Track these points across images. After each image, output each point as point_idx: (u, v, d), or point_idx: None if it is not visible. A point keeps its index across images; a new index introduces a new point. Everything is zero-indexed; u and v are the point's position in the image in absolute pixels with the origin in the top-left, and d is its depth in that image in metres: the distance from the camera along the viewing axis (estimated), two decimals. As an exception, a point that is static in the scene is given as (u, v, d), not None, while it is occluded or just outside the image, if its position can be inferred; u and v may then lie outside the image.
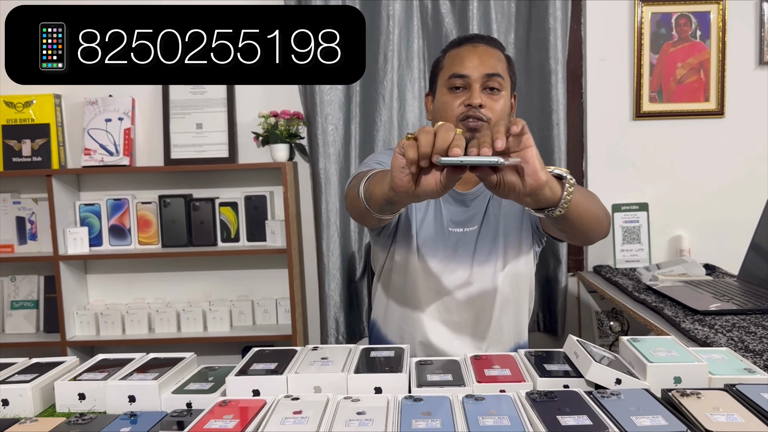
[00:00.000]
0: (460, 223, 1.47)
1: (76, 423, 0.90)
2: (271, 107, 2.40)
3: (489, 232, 1.47)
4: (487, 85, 1.37)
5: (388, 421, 0.85)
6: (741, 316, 1.59)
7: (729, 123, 2.44)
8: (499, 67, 1.39)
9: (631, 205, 2.37)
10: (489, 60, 1.38)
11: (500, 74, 1.38)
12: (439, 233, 1.47)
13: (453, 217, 1.48)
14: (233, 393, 0.99)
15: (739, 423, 0.81)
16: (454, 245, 1.46)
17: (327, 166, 2.40)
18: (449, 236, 1.47)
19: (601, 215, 1.24)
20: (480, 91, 1.37)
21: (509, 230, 1.47)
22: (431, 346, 1.48)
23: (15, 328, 2.53)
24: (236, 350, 2.51)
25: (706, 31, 2.40)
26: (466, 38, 1.45)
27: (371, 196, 1.11)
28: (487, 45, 1.42)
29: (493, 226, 1.47)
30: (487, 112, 1.36)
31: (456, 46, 1.44)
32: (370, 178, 1.15)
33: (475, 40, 1.43)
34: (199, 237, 2.48)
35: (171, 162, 2.46)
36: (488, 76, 1.36)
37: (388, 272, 1.54)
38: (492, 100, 1.37)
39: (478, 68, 1.37)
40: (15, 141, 2.44)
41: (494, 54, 1.40)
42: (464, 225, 1.47)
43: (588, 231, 1.20)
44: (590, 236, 1.25)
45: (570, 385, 0.99)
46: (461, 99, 1.37)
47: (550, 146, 2.37)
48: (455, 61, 1.40)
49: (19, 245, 2.52)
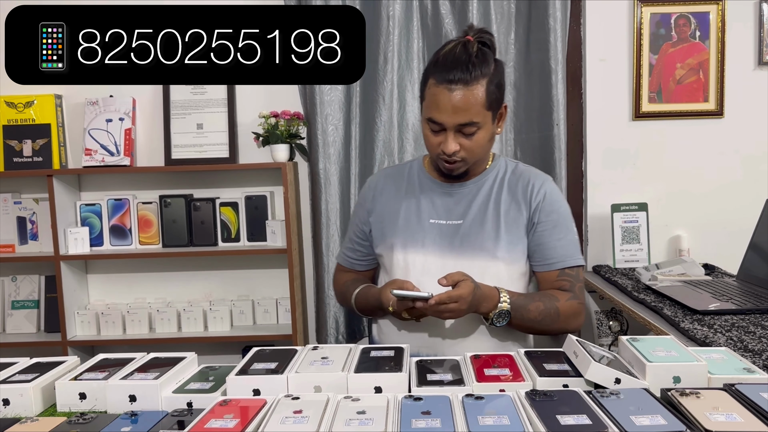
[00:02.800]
0: (442, 215, 1.50)
1: (77, 422, 0.90)
2: (271, 107, 2.40)
3: (472, 227, 1.47)
4: (462, 131, 1.39)
5: (388, 421, 0.85)
6: (740, 315, 1.59)
7: (728, 123, 2.44)
8: (474, 110, 1.37)
9: (631, 205, 2.37)
10: (463, 107, 1.36)
11: (474, 122, 1.37)
12: (418, 226, 1.49)
13: (436, 210, 1.50)
14: (234, 392, 1.00)
15: (739, 422, 0.82)
16: (434, 237, 1.48)
17: (327, 166, 2.40)
18: (429, 228, 1.49)
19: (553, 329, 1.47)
20: (455, 136, 1.39)
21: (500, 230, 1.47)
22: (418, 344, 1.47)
23: (16, 328, 2.53)
24: (236, 350, 2.51)
25: (705, 32, 2.41)
26: (445, 68, 1.36)
27: (362, 310, 1.56)
28: (465, 86, 1.35)
29: (480, 222, 1.48)
30: (462, 153, 1.41)
31: (435, 80, 1.37)
32: (358, 296, 1.54)
33: (452, 77, 1.35)
34: (200, 237, 2.48)
35: (171, 162, 2.46)
36: (462, 125, 1.38)
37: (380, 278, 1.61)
38: (467, 140, 1.40)
39: (452, 118, 1.37)
40: (16, 141, 2.44)
41: (471, 95, 1.36)
42: (447, 218, 1.49)
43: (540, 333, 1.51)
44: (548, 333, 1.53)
45: (569, 384, 1.00)
46: (439, 140, 1.41)
47: (550, 146, 2.37)
48: (432, 105, 1.39)
49: (20, 245, 2.52)
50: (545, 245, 1.47)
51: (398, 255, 1.49)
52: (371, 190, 1.61)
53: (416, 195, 1.53)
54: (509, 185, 1.51)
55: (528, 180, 1.50)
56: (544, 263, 1.48)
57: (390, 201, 1.56)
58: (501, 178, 1.52)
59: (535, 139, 2.42)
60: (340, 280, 1.67)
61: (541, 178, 1.52)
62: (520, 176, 1.52)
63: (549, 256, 1.47)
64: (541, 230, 1.47)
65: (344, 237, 2.44)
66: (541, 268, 1.49)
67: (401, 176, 1.59)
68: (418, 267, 1.47)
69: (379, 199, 1.57)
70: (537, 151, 2.42)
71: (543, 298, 1.44)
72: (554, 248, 1.47)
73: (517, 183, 1.51)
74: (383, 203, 1.56)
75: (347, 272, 1.66)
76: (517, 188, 1.50)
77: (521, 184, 1.50)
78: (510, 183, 1.51)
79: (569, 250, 1.48)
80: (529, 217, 1.48)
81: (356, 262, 1.64)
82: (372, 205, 1.58)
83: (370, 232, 1.58)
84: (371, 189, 1.61)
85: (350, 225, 1.67)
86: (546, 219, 1.47)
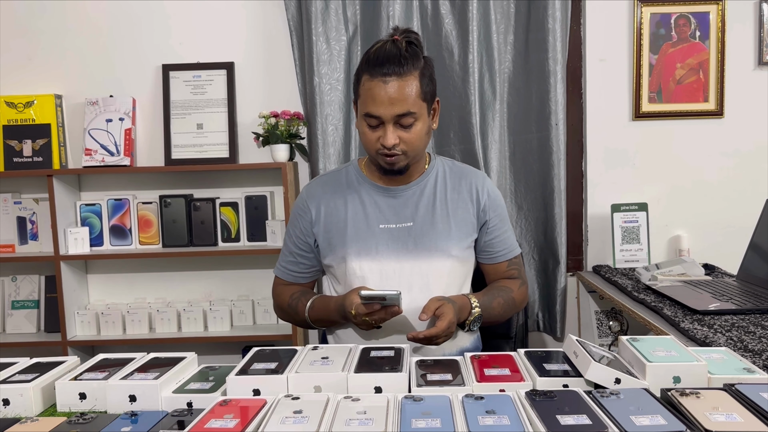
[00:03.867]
0: (391, 219, 1.50)
1: (77, 422, 0.90)
2: (271, 107, 2.40)
3: (424, 228, 1.49)
4: (399, 122, 1.40)
5: (388, 421, 0.85)
6: (740, 315, 1.59)
7: (728, 123, 2.44)
8: (410, 100, 1.38)
9: (631, 205, 2.37)
10: (399, 97, 1.37)
11: (411, 111, 1.39)
12: (368, 233, 1.49)
13: (384, 214, 1.50)
14: (234, 392, 1.00)
15: (738, 422, 0.82)
16: (387, 242, 1.48)
17: (327, 166, 2.40)
18: (381, 234, 1.49)
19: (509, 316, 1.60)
20: (393, 128, 1.40)
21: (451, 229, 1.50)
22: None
23: (16, 328, 2.53)
24: (237, 350, 2.51)
25: (705, 32, 2.41)
26: (378, 63, 1.38)
27: (317, 322, 1.54)
28: (398, 76, 1.37)
29: (430, 222, 1.49)
30: (402, 146, 1.42)
31: (369, 75, 1.39)
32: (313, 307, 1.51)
33: (386, 70, 1.37)
34: (200, 237, 2.48)
35: (171, 162, 2.46)
36: (399, 116, 1.39)
37: (328, 287, 1.60)
38: (405, 132, 1.41)
39: (389, 109, 1.38)
40: (16, 141, 2.44)
41: (406, 86, 1.37)
42: (397, 221, 1.50)
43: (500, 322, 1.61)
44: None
45: (569, 384, 1.00)
46: (377, 135, 1.42)
47: (550, 147, 2.38)
48: (368, 99, 1.39)
49: (20, 245, 2.52)
50: (495, 239, 1.55)
51: (353, 264, 1.48)
52: (309, 199, 1.56)
53: (360, 201, 1.52)
54: (452, 184, 1.55)
55: (470, 180, 1.56)
56: (494, 256, 1.56)
57: (333, 210, 1.53)
58: (442, 177, 1.55)
59: (534, 140, 2.42)
60: (282, 294, 1.60)
61: (480, 176, 1.59)
62: (461, 175, 1.57)
63: (498, 249, 1.56)
64: (492, 226, 1.54)
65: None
66: (490, 260, 1.57)
67: (339, 183, 1.56)
68: (376, 273, 1.47)
69: (321, 209, 1.54)
70: (536, 152, 2.42)
71: (500, 293, 1.53)
72: (502, 241, 1.56)
73: (459, 182, 1.55)
74: (326, 212, 1.53)
75: (289, 285, 1.61)
76: (461, 187, 1.54)
77: (464, 183, 1.55)
78: (452, 182, 1.55)
79: (512, 240, 1.59)
80: (477, 216, 1.53)
81: (299, 275, 1.59)
82: (315, 215, 1.54)
83: (315, 243, 1.55)
84: (309, 198, 1.56)
85: (287, 237, 1.60)
86: (494, 215, 1.55)
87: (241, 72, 2.49)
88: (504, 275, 1.58)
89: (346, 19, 2.40)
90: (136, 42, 2.50)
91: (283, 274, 1.62)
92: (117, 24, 2.49)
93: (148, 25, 2.49)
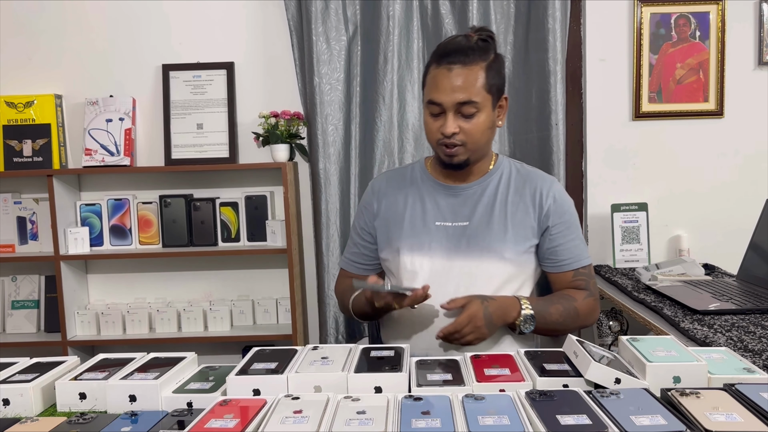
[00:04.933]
0: (448, 217, 1.49)
1: (77, 422, 0.90)
2: (271, 107, 2.40)
3: (479, 228, 1.47)
4: (460, 111, 1.39)
5: (388, 421, 0.85)
6: (740, 315, 1.59)
7: (728, 123, 2.44)
8: (474, 90, 1.38)
9: (631, 205, 2.37)
10: (463, 85, 1.38)
11: (473, 100, 1.38)
12: (423, 229, 1.49)
13: (441, 212, 1.50)
14: (234, 392, 1.00)
15: (739, 422, 0.82)
16: (440, 239, 1.47)
17: (327, 166, 2.40)
18: (435, 231, 1.48)
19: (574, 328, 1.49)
20: (454, 117, 1.39)
21: (507, 231, 1.47)
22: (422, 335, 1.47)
23: (16, 328, 2.53)
24: (236, 350, 2.51)
25: (705, 32, 2.41)
26: (446, 53, 1.40)
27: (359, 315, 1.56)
28: (463, 65, 1.38)
29: (486, 223, 1.47)
30: (462, 136, 1.41)
31: (436, 63, 1.42)
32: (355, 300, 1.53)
33: (452, 59, 1.39)
34: (200, 237, 2.48)
35: (171, 162, 2.46)
36: (461, 104, 1.38)
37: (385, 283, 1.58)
38: (467, 123, 1.40)
39: (451, 96, 1.38)
40: (16, 141, 2.44)
41: (470, 74, 1.38)
42: (453, 219, 1.49)
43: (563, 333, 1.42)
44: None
45: (569, 384, 1.00)
46: (438, 124, 1.41)
47: (550, 147, 2.37)
48: (432, 86, 1.41)
49: (19, 245, 2.52)
50: (559, 247, 1.49)
51: (405, 258, 1.49)
52: (375, 193, 1.59)
53: (420, 197, 1.53)
54: (516, 187, 1.51)
55: (536, 183, 1.51)
56: (559, 265, 1.50)
57: (394, 204, 1.55)
58: (507, 179, 1.52)
59: (534, 140, 2.42)
60: (341, 286, 1.64)
61: (548, 180, 1.53)
62: (527, 178, 1.53)
63: (563, 258, 1.49)
64: (555, 233, 1.49)
65: (345, 237, 2.45)
66: (555, 269, 1.51)
67: (404, 178, 1.58)
68: (426, 269, 1.47)
69: (383, 202, 1.57)
70: (536, 152, 2.42)
71: (561, 300, 1.46)
72: (568, 249, 1.49)
73: (524, 185, 1.51)
74: (387, 206, 1.56)
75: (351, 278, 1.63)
76: (524, 191, 1.50)
77: (529, 186, 1.51)
78: (517, 185, 1.51)
79: (580, 249, 1.51)
80: (538, 221, 1.49)
81: (362, 266, 1.62)
82: (377, 209, 1.57)
83: (376, 235, 1.57)
84: (374, 192, 1.60)
85: (353, 229, 1.65)
86: (559, 221, 1.49)
87: (241, 72, 2.49)
88: (569, 285, 1.51)
89: (346, 19, 2.40)
90: (136, 42, 2.50)
91: (347, 266, 1.65)
92: (117, 24, 2.49)
93: (148, 25, 2.49)
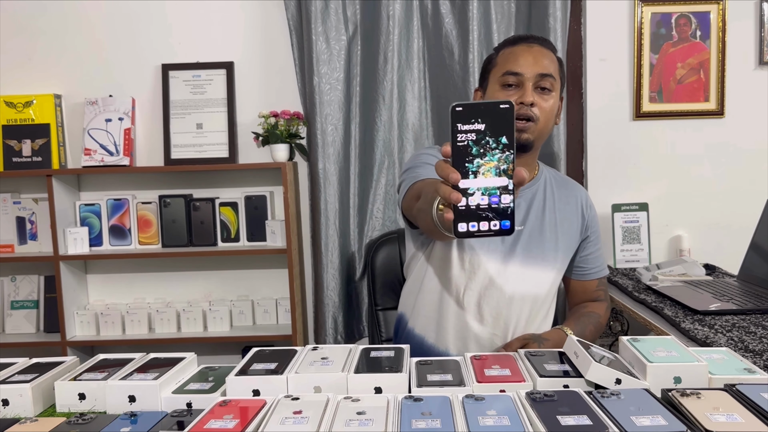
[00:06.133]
0: None
1: (76, 423, 0.90)
2: (271, 107, 2.40)
3: (533, 234, 1.46)
4: (539, 85, 1.40)
5: (388, 421, 0.85)
6: (741, 316, 1.59)
7: (729, 123, 2.43)
8: (552, 68, 1.42)
9: (631, 205, 2.37)
10: (542, 60, 1.41)
11: (552, 75, 1.41)
12: None
13: None
14: (233, 393, 1.00)
15: (739, 423, 0.82)
16: (492, 240, 1.45)
17: (327, 166, 2.40)
18: None
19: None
20: (532, 89, 1.40)
21: (558, 240, 1.47)
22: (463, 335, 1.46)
23: (15, 328, 2.53)
24: (236, 350, 2.51)
25: (706, 31, 2.40)
26: (521, 37, 1.47)
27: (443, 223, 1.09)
28: (542, 46, 1.44)
29: (539, 229, 1.46)
30: (537, 110, 1.40)
31: (510, 45, 1.46)
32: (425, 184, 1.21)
33: (530, 40, 1.45)
34: (200, 237, 2.48)
35: (171, 162, 2.46)
36: (541, 75, 1.40)
37: (423, 264, 1.51)
38: (543, 100, 1.41)
39: (532, 67, 1.40)
40: (15, 141, 2.44)
41: (547, 55, 1.43)
42: None
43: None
44: None
45: (570, 385, 0.99)
46: (513, 97, 1.40)
47: (550, 146, 2.37)
48: (509, 59, 1.43)
49: (19, 245, 2.52)
50: (591, 255, 1.52)
51: (454, 253, 1.44)
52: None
53: None
54: (560, 194, 1.51)
55: (576, 191, 1.53)
56: (586, 273, 1.52)
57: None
58: (550, 184, 1.53)
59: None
60: (415, 192, 1.31)
61: (582, 189, 1.56)
62: (566, 185, 1.54)
63: (592, 266, 1.52)
64: (589, 242, 1.52)
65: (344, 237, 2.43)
66: (582, 277, 1.53)
67: None
68: (481, 271, 1.44)
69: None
70: (537, 151, 2.42)
71: (590, 320, 1.48)
72: (596, 258, 1.53)
73: (566, 192, 1.52)
74: None
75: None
76: (569, 198, 1.51)
77: (571, 194, 1.52)
78: (559, 191, 1.52)
79: (604, 258, 1.57)
80: (581, 231, 1.50)
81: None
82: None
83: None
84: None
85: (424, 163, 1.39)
86: (593, 231, 1.52)
87: (240, 72, 2.49)
88: (591, 295, 1.52)
89: (346, 18, 2.40)
90: (135, 42, 2.49)
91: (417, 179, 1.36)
92: (116, 24, 2.49)
93: (147, 24, 2.49)
